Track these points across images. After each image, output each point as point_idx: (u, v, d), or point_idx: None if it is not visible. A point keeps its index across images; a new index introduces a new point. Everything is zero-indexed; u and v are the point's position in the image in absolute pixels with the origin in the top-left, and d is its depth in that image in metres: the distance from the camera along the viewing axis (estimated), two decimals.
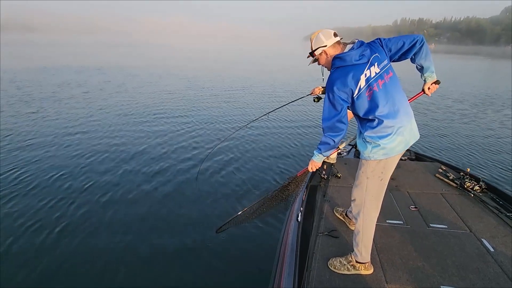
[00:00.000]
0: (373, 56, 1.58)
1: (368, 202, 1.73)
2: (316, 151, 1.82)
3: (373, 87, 1.56)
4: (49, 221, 3.16)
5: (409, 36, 1.69)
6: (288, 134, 6.36)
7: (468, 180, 2.81)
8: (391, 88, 1.60)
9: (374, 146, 1.62)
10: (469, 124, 7.99)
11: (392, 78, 1.63)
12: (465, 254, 1.92)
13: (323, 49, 1.66)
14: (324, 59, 1.70)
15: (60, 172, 4.22)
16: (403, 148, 1.64)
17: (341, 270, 1.78)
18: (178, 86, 11.96)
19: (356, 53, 1.56)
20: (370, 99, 1.57)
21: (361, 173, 1.74)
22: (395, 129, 1.59)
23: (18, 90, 9.64)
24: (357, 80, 1.55)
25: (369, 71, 1.56)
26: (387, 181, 1.72)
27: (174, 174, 4.29)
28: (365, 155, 1.68)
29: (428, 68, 1.75)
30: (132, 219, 3.28)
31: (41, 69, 15.04)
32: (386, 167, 1.67)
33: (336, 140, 1.67)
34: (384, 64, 1.61)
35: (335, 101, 1.59)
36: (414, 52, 1.70)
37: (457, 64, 33.92)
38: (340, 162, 3.36)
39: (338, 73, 1.58)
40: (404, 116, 1.62)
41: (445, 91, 12.68)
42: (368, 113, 1.60)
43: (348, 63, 1.56)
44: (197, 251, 2.80)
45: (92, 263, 2.64)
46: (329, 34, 1.65)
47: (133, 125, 6.57)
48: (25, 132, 5.84)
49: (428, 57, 1.72)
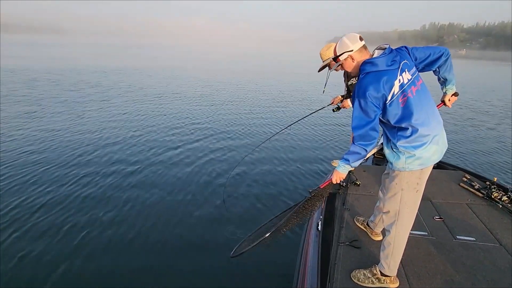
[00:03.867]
0: (403, 62, 1.53)
1: (403, 215, 1.67)
2: (343, 162, 1.67)
3: (407, 93, 1.51)
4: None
5: (436, 47, 1.69)
6: (306, 147, 6.02)
7: (495, 190, 2.69)
8: (423, 95, 1.57)
9: (408, 157, 1.56)
10: (494, 131, 7.69)
11: (423, 85, 1.60)
12: (496, 269, 1.83)
13: (349, 54, 1.59)
14: (350, 64, 1.64)
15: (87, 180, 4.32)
16: (438, 158, 1.60)
17: (365, 283, 1.73)
18: (209, 92, 11.91)
19: (388, 59, 1.51)
20: (403, 105, 1.51)
21: (394, 185, 1.68)
22: (431, 138, 1.54)
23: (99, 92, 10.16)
24: (391, 85, 1.49)
25: (402, 77, 1.51)
26: (422, 192, 1.66)
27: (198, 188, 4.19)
28: (398, 166, 1.61)
29: (451, 81, 1.81)
30: (153, 236, 3.17)
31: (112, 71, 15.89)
32: (422, 178, 1.62)
33: (368, 149, 1.58)
34: (413, 71, 1.57)
35: (367, 108, 1.50)
36: (439, 65, 1.71)
37: (489, 70, 32.30)
38: (358, 169, 3.29)
39: (369, 78, 1.51)
40: (437, 124, 1.59)
41: (472, 97, 12.29)
42: (401, 121, 1.54)
43: (381, 68, 1.50)
44: (212, 270, 2.72)
45: (107, 282, 2.58)
46: (355, 38, 1.58)
47: (161, 132, 6.60)
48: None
49: (452, 71, 1.77)
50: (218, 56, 33.96)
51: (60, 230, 3.17)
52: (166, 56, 34.95)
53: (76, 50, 35.52)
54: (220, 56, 34.28)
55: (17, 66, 16.84)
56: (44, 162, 4.73)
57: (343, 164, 1.68)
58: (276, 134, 4.55)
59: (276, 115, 8.75)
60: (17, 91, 10.19)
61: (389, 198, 1.73)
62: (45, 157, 4.94)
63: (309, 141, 6.38)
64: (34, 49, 35.05)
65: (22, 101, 8.78)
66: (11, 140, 5.63)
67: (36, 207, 3.54)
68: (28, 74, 13.98)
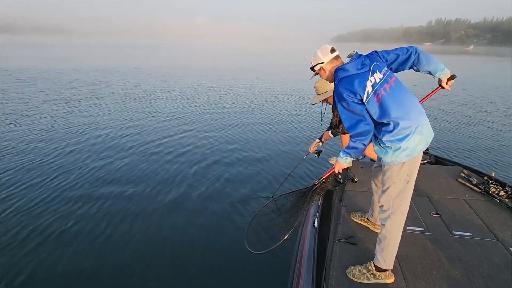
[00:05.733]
0: (373, 65, 1.64)
1: (396, 207, 1.71)
2: (344, 154, 1.76)
3: (381, 91, 1.60)
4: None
5: (403, 48, 1.80)
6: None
7: (493, 185, 2.69)
8: (398, 90, 1.65)
9: (395, 150, 1.62)
10: (493, 126, 7.66)
11: (396, 81, 1.68)
12: (492, 265, 1.82)
13: (321, 66, 1.76)
14: (324, 74, 1.80)
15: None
16: (424, 147, 1.64)
17: (360, 279, 1.72)
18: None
19: (357, 63, 1.63)
20: (379, 103, 1.60)
21: (386, 179, 1.72)
22: (413, 129, 1.59)
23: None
24: (363, 86, 1.59)
25: (373, 77, 1.61)
26: (413, 183, 1.70)
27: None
28: (387, 161, 1.67)
29: (436, 69, 1.84)
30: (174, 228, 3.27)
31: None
32: (411, 169, 1.66)
33: (366, 143, 1.65)
34: (385, 70, 1.67)
35: (351, 107, 1.60)
36: (411, 63, 1.79)
37: (496, 67, 31.63)
38: (356, 166, 3.28)
39: (343, 83, 1.62)
40: (418, 115, 1.63)
41: (473, 94, 12.24)
42: (382, 117, 1.61)
43: (352, 72, 1.62)
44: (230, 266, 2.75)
45: (128, 274, 2.65)
46: (326, 51, 1.74)
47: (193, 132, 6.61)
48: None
49: (431, 60, 1.80)
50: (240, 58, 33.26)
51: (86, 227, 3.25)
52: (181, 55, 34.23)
53: (94, 51, 35.22)
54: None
55: (49, 68, 17.09)
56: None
57: (345, 156, 1.77)
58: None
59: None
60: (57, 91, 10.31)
61: (383, 192, 1.77)
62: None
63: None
64: (50, 50, 34.74)
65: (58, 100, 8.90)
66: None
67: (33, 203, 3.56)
68: (67, 78, 13.99)
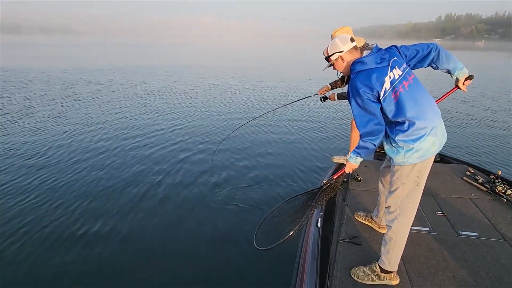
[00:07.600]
0: (392, 60, 1.57)
1: (404, 209, 1.67)
2: (354, 154, 1.73)
3: (399, 88, 1.54)
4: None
5: (424, 44, 1.73)
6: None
7: (500, 183, 2.65)
8: (417, 89, 1.59)
9: (408, 150, 1.57)
10: (499, 123, 7.54)
11: (415, 80, 1.62)
12: (499, 265, 1.79)
13: (340, 55, 1.64)
14: (340, 65, 1.68)
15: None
16: (437, 149, 1.59)
17: (364, 280, 1.70)
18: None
19: (377, 57, 1.56)
20: (396, 101, 1.54)
21: (395, 180, 1.68)
22: (429, 130, 1.55)
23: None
24: (381, 82, 1.52)
25: (392, 73, 1.54)
26: (423, 185, 1.66)
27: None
28: (398, 161, 1.62)
29: (455, 68, 1.77)
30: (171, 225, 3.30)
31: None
32: (422, 171, 1.62)
33: (377, 143, 1.61)
34: (404, 67, 1.60)
35: (365, 105, 1.54)
36: (431, 60, 1.73)
37: (507, 61, 31.18)
38: (360, 165, 3.24)
39: (360, 76, 1.55)
40: (434, 116, 1.58)
41: (481, 91, 12.05)
42: (397, 116, 1.55)
43: (370, 66, 1.54)
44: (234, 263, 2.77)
45: (134, 271, 2.68)
46: (345, 39, 1.63)
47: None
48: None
49: (451, 59, 1.74)
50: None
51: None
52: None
53: (103, 50, 35.27)
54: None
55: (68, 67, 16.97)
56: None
57: (355, 156, 1.74)
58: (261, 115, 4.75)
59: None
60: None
61: (390, 193, 1.74)
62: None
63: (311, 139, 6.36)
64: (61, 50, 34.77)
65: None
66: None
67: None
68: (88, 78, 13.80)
